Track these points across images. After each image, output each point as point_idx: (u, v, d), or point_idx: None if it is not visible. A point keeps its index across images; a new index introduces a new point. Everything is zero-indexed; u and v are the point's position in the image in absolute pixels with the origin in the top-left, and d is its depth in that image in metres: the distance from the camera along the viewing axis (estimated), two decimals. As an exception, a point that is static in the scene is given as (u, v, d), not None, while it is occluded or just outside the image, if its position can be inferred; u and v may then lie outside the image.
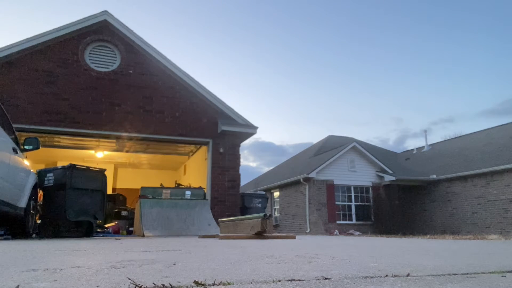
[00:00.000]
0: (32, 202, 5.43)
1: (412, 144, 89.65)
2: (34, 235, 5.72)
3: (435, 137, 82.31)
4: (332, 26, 62.79)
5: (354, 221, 16.33)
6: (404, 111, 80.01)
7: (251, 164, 74.72)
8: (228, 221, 5.04)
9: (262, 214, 4.20)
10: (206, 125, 9.70)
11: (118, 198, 11.00)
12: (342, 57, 67.80)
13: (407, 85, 68.98)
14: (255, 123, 10.20)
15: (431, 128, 68.69)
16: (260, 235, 4.06)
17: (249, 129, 10.10)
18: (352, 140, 18.69)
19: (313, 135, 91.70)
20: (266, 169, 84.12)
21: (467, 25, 59.04)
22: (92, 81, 9.01)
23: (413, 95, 73.22)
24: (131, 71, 9.42)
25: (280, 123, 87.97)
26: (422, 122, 74.37)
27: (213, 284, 1.12)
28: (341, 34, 66.34)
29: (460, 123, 69.83)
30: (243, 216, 4.90)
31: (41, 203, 6.39)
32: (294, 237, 4.86)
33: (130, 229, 9.01)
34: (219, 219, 5.36)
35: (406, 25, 58.66)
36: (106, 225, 8.77)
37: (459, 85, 69.10)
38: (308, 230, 15.36)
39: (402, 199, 16.42)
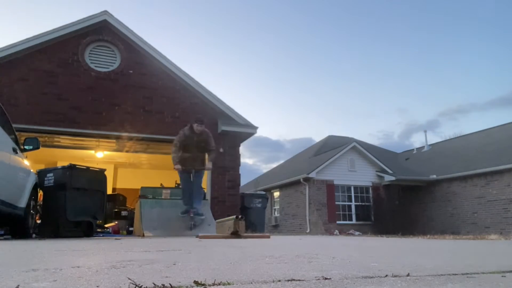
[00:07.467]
0: (32, 202, 5.42)
1: (418, 138, 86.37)
2: (34, 235, 5.72)
3: (444, 129, 78.87)
4: (331, 14, 61.15)
5: (354, 221, 16.33)
6: (409, 101, 75.91)
7: (248, 161, 72.98)
8: (218, 222, 5.70)
9: (234, 216, 4.75)
10: (206, 125, 9.68)
11: (118, 198, 10.99)
12: (343, 47, 64.93)
13: (412, 73, 64.24)
14: (249, 117, 10.23)
15: (438, 120, 64.70)
16: (235, 234, 4.58)
17: (249, 129, 10.11)
18: (352, 140, 18.70)
19: (312, 130, 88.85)
20: (263, 166, 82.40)
21: (476, 11, 57.14)
22: (92, 81, 9.01)
23: (419, 84, 68.48)
24: (131, 71, 9.41)
25: (276, 116, 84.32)
26: (429, 113, 70.52)
27: (213, 284, 1.12)
28: (341, 23, 64.60)
29: (471, 114, 65.17)
30: (225, 218, 5.39)
31: (41, 203, 6.38)
32: (268, 237, 5.23)
33: (130, 229, 9.00)
34: (216, 220, 5.85)
35: (413, 12, 56.80)
36: (106, 225, 8.76)
37: (468, 72, 64.53)
38: (308, 230, 15.35)
39: (402, 199, 16.42)
